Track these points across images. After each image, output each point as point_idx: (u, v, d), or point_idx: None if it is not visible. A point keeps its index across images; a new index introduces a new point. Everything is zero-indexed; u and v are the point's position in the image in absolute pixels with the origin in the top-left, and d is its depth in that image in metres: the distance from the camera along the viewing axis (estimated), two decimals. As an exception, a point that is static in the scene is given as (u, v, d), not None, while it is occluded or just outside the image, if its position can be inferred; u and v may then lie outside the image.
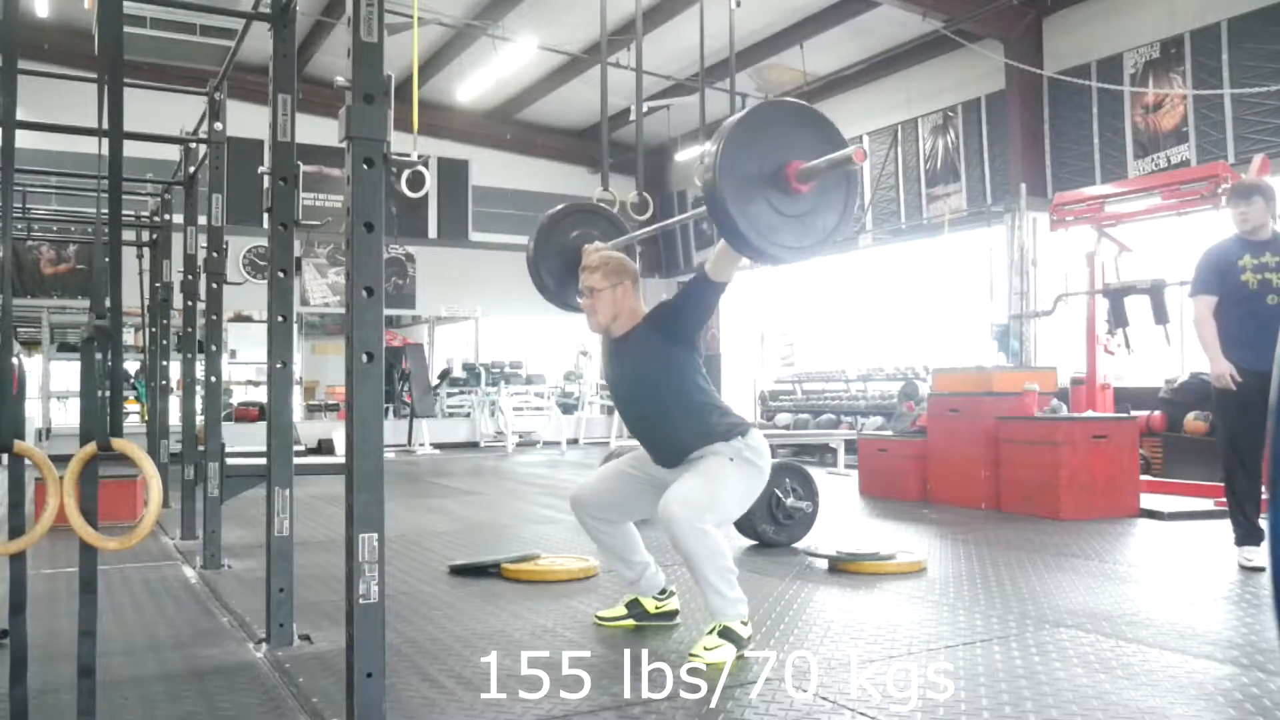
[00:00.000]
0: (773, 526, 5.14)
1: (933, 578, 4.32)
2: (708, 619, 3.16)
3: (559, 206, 3.95)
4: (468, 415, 15.79)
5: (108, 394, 2.22)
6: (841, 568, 4.48)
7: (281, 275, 3.44)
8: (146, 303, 8.43)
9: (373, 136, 2.32)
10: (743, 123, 2.73)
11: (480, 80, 14.20)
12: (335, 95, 2.35)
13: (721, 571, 3.05)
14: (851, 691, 2.71)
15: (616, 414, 14.20)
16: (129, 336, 12.95)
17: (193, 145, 5.79)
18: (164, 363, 8.20)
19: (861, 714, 2.53)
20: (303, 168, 3.47)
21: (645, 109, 5.77)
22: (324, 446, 13.41)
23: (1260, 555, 4.44)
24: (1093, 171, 10.84)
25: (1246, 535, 4.53)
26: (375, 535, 2.28)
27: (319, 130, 6.81)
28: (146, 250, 8.47)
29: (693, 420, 3.22)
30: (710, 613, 3.10)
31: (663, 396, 3.26)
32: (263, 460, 3.73)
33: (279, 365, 3.40)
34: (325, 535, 5.79)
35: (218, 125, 4.98)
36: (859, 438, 8.50)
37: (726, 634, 3.05)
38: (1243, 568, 4.46)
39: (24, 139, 2.61)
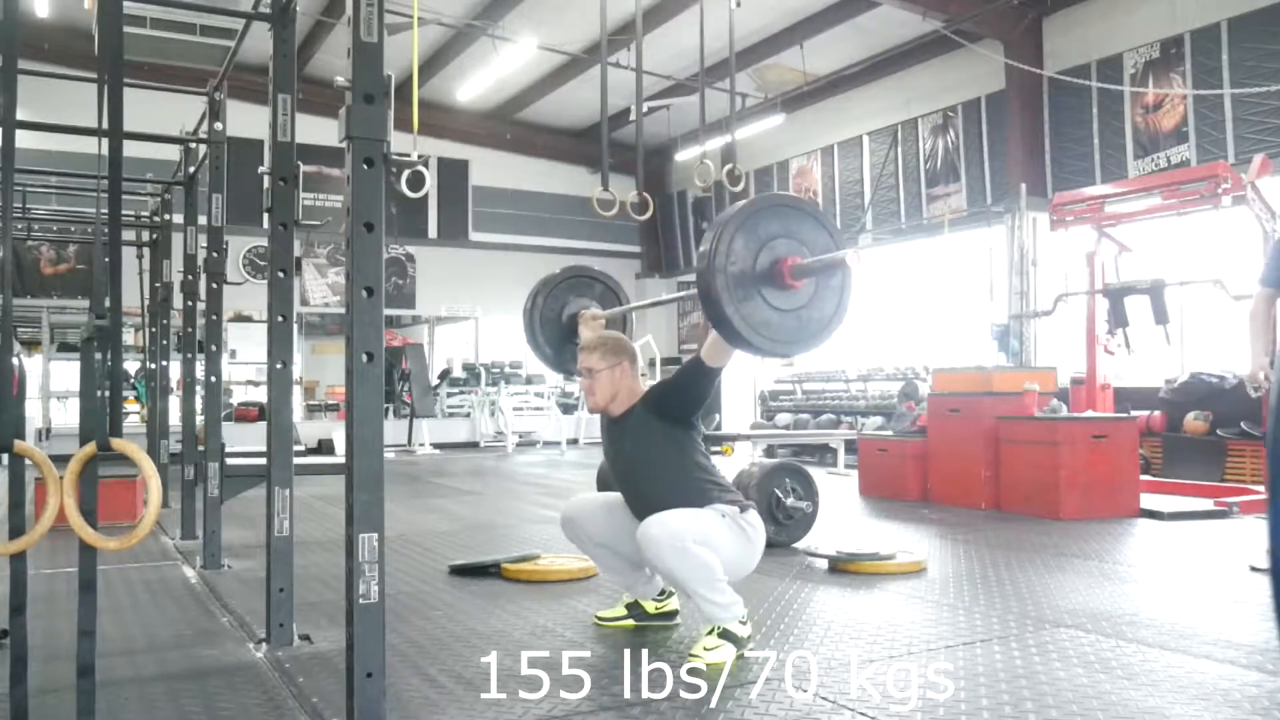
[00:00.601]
0: (773, 526, 5.13)
1: (933, 578, 4.32)
2: (704, 620, 3.16)
3: (554, 273, 4.00)
4: (468, 415, 15.79)
5: (108, 394, 2.22)
6: (841, 568, 4.48)
7: (281, 275, 3.44)
8: (146, 303, 8.43)
9: (373, 136, 2.32)
10: (738, 218, 2.73)
11: (480, 80, 14.20)
12: (335, 95, 2.35)
13: (709, 582, 3.03)
14: (851, 691, 2.71)
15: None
16: (129, 336, 12.95)
17: (193, 145, 5.79)
18: (164, 363, 8.20)
19: (861, 714, 2.53)
20: (303, 168, 3.47)
21: (645, 109, 5.77)
22: (324, 446, 13.42)
23: None
24: (1093, 171, 10.84)
25: None
26: (375, 535, 2.28)
27: (319, 130, 6.81)
28: (146, 250, 8.48)
29: (693, 499, 3.18)
30: (706, 619, 3.11)
31: (662, 480, 3.23)
32: (263, 460, 3.73)
33: (279, 365, 3.40)
34: (325, 535, 5.79)
35: (218, 125, 4.98)
36: (859, 438, 8.51)
37: (726, 634, 3.05)
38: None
39: (24, 139, 2.61)
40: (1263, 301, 4.38)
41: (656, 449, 3.25)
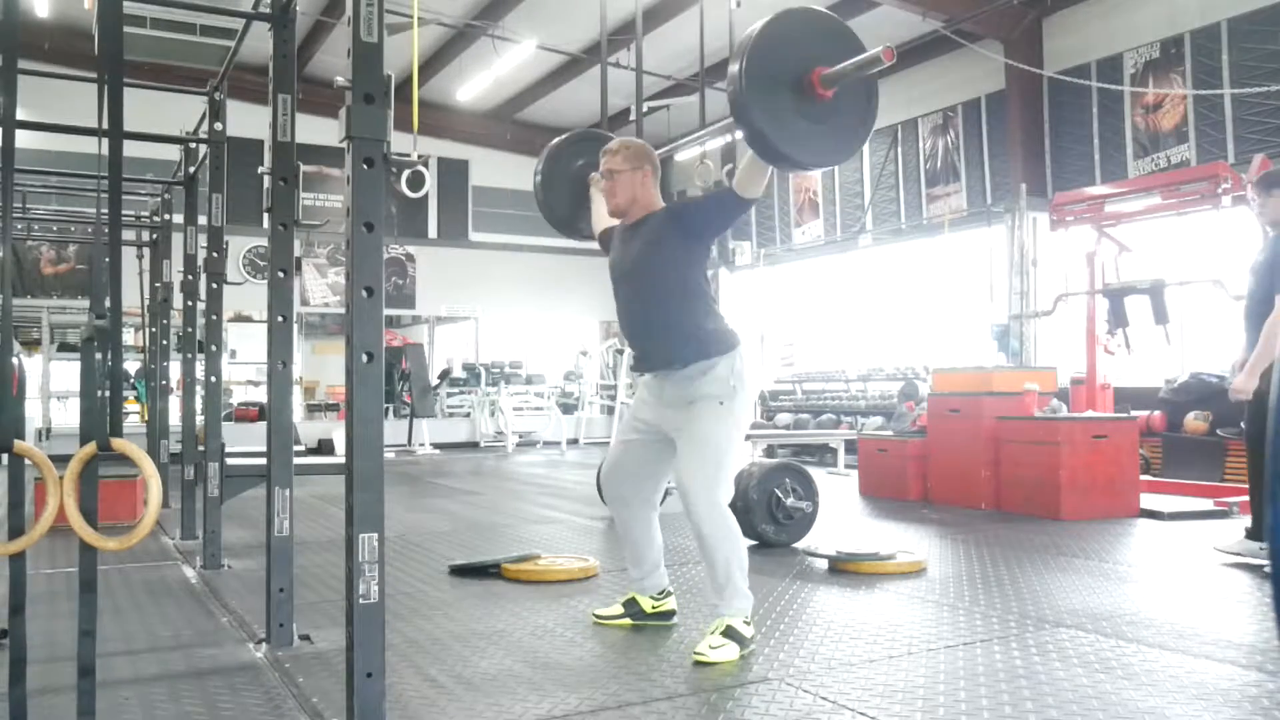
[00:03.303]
0: (773, 526, 5.14)
1: (933, 578, 4.32)
2: (709, 618, 3.16)
3: (564, 135, 3.94)
4: (468, 415, 15.78)
5: (108, 394, 2.22)
6: (841, 568, 4.48)
7: (281, 275, 3.44)
8: (146, 303, 8.43)
9: (373, 136, 2.32)
10: (766, 29, 2.72)
11: (480, 80, 14.20)
12: (335, 95, 2.34)
13: (736, 557, 3.09)
14: (851, 691, 2.71)
15: (616, 413, 14.21)
16: (129, 336, 12.96)
17: (193, 145, 5.79)
18: (164, 363, 8.20)
19: (861, 714, 2.53)
20: (303, 168, 3.47)
21: (645, 109, 5.77)
22: (324, 446, 13.41)
23: None
24: (1093, 171, 10.84)
25: None
26: (375, 535, 2.28)
27: (319, 130, 6.82)
28: (146, 250, 8.47)
29: (689, 318, 3.21)
30: (717, 600, 3.11)
31: (665, 287, 3.24)
32: (263, 460, 3.73)
33: (279, 365, 3.40)
34: (325, 535, 5.79)
35: (218, 125, 4.98)
36: (859, 438, 8.50)
37: (730, 633, 3.05)
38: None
39: (24, 139, 2.61)
40: None
41: (666, 255, 3.24)
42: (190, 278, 5.83)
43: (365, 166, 2.32)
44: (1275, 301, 4.37)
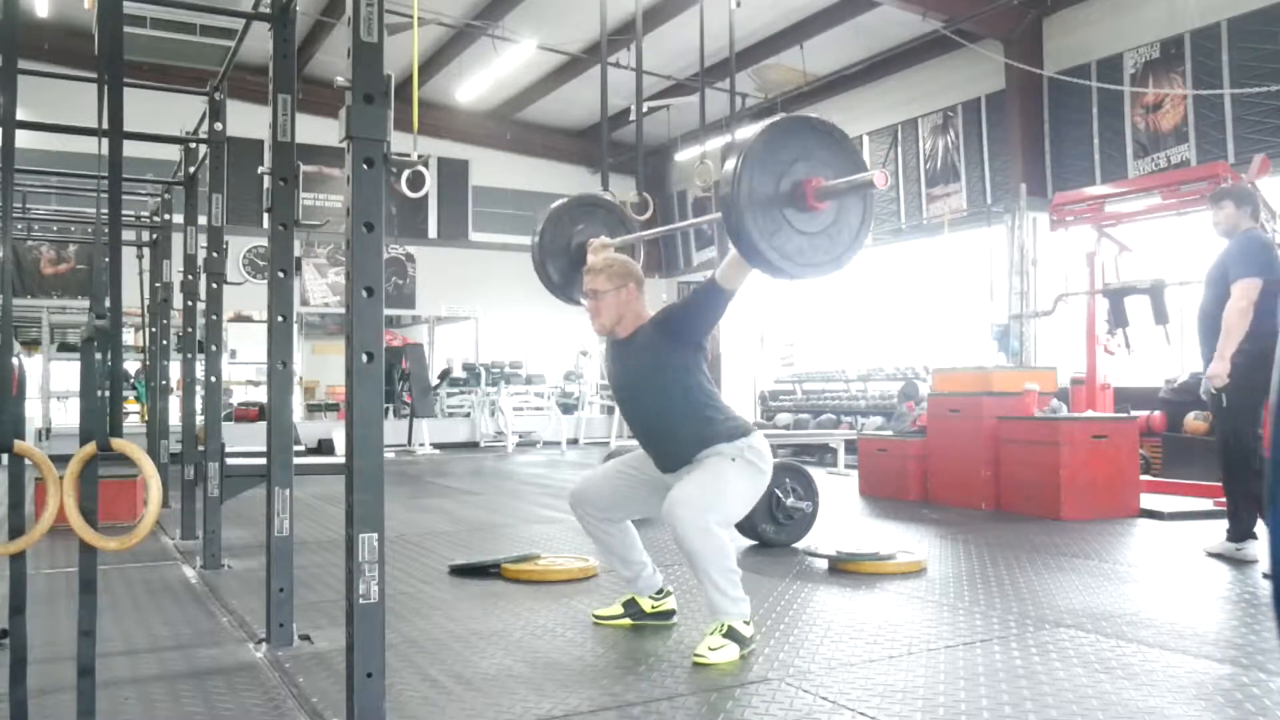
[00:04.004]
0: (773, 526, 5.14)
1: (933, 578, 4.32)
2: (709, 619, 3.16)
3: (562, 200, 3.94)
4: (468, 415, 15.78)
5: (108, 394, 2.22)
6: (841, 568, 4.48)
7: (281, 275, 3.44)
8: (146, 303, 8.43)
9: (373, 136, 2.32)
10: (763, 138, 2.73)
11: (480, 80, 14.20)
12: (335, 95, 2.34)
13: (725, 571, 3.06)
14: (851, 691, 2.71)
15: (617, 414, 14.21)
16: (129, 336, 12.95)
17: (193, 145, 5.79)
18: (164, 363, 8.20)
19: (861, 714, 2.53)
20: (303, 168, 3.47)
21: (645, 109, 5.77)
22: (324, 446, 13.40)
23: None
24: (1093, 171, 10.84)
25: None
26: (375, 535, 2.28)
27: (319, 130, 6.82)
28: (146, 250, 8.47)
29: (695, 422, 3.22)
30: (712, 612, 3.10)
31: (666, 398, 3.25)
32: (263, 460, 3.73)
33: (279, 365, 3.40)
34: (325, 535, 5.79)
35: (218, 125, 4.97)
36: (859, 438, 8.50)
37: (731, 634, 3.05)
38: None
39: (24, 139, 2.61)
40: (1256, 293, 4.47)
41: (663, 369, 3.25)
42: (190, 278, 5.83)
43: (365, 166, 2.32)
44: (1232, 291, 4.52)
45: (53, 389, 14.03)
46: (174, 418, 7.92)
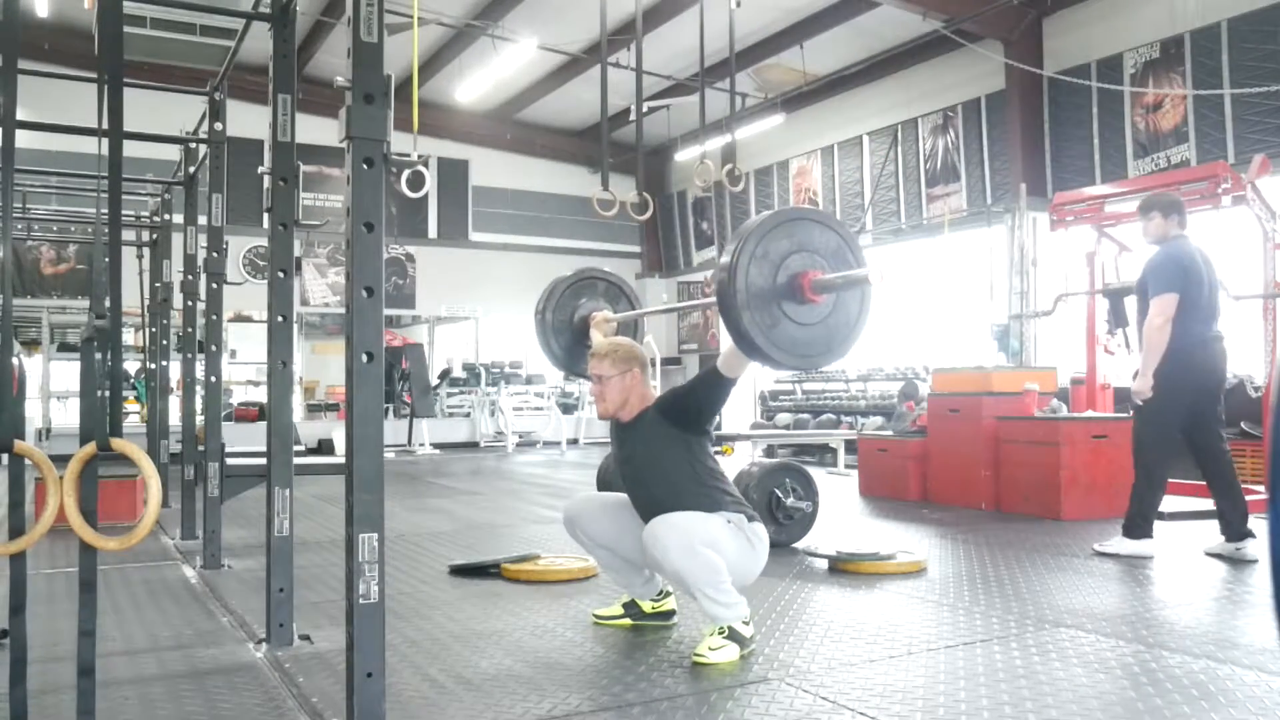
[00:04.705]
0: (773, 526, 5.13)
1: (933, 578, 4.32)
2: (709, 619, 3.16)
3: (563, 275, 3.99)
4: (468, 415, 15.78)
5: (108, 394, 2.22)
6: (841, 568, 4.48)
7: (281, 275, 3.44)
8: (146, 303, 8.43)
9: (373, 136, 2.32)
10: (759, 230, 2.73)
11: (480, 80, 14.20)
12: (335, 95, 2.35)
13: (714, 583, 3.03)
14: (851, 691, 2.71)
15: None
16: (129, 336, 12.95)
17: (193, 145, 5.79)
18: (164, 363, 8.20)
19: (861, 714, 2.53)
20: (303, 168, 3.47)
21: (645, 109, 5.78)
22: (324, 446, 13.41)
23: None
24: (1093, 171, 10.84)
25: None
26: (375, 535, 2.28)
27: (319, 130, 6.81)
28: (146, 250, 8.47)
29: (702, 505, 3.17)
30: (711, 620, 3.10)
31: (671, 482, 3.22)
32: (263, 460, 3.73)
33: (279, 365, 3.41)
34: (325, 535, 5.79)
35: (218, 125, 4.98)
36: (859, 438, 8.50)
37: (731, 634, 3.04)
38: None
39: (24, 139, 2.61)
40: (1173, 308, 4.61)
41: (667, 453, 3.24)
42: (190, 278, 5.83)
43: (365, 166, 2.32)
44: (1153, 305, 4.64)
45: (53, 389, 14.04)
46: (174, 418, 7.92)
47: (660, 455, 3.25)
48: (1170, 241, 4.78)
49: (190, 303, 5.96)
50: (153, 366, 8.36)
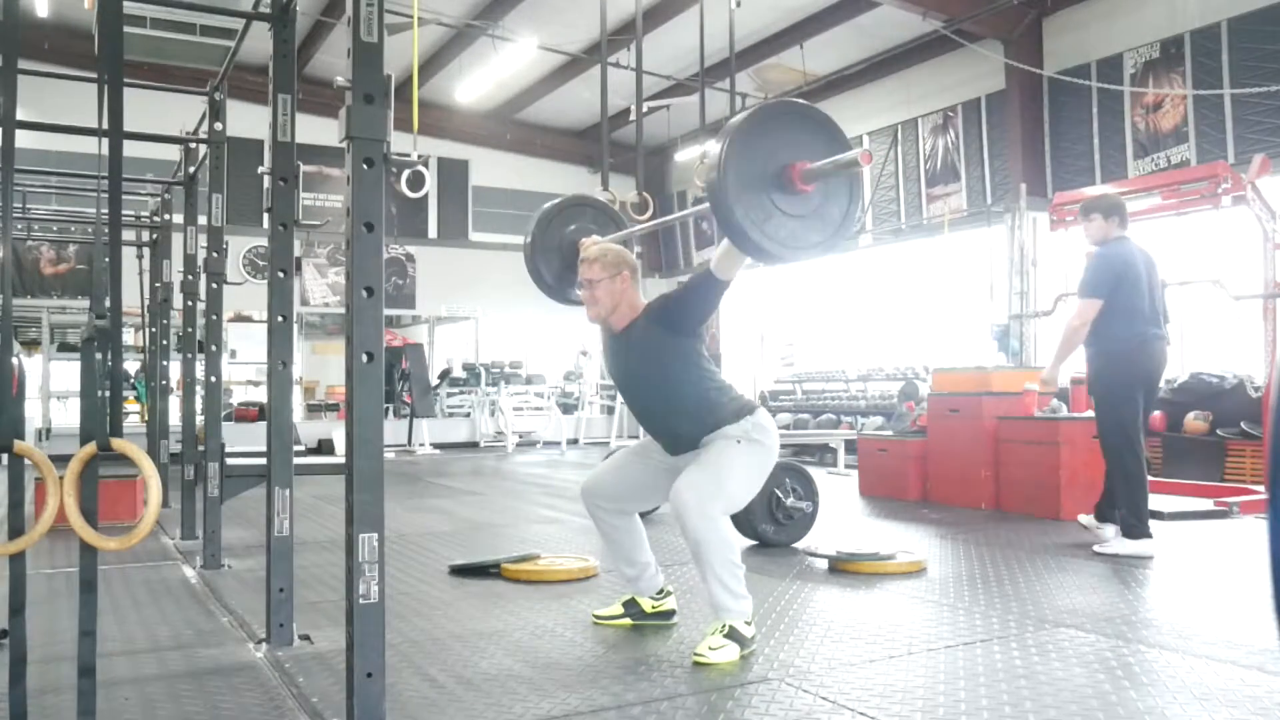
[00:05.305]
0: (773, 526, 5.14)
1: (933, 578, 4.32)
2: (709, 618, 3.16)
3: (554, 201, 3.96)
4: (468, 415, 15.78)
5: (108, 394, 2.22)
6: (841, 568, 4.48)
7: (281, 275, 3.44)
8: (146, 303, 8.43)
9: (373, 136, 2.32)
10: (746, 124, 2.73)
11: (480, 80, 14.20)
12: (335, 95, 2.35)
13: (729, 565, 3.07)
14: (851, 691, 2.71)
15: (616, 414, 14.24)
16: (129, 336, 12.95)
17: (193, 145, 5.79)
18: (164, 363, 8.20)
19: (861, 714, 2.53)
20: (303, 168, 3.47)
21: (645, 109, 5.78)
22: (324, 446, 13.41)
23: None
24: (1093, 171, 10.84)
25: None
26: (375, 535, 2.28)
27: (319, 130, 6.82)
28: (146, 250, 8.47)
29: (699, 407, 3.23)
30: (715, 609, 3.10)
31: (668, 387, 3.25)
32: (263, 460, 3.73)
33: (279, 365, 3.41)
34: (325, 535, 5.79)
35: (218, 125, 4.98)
36: (859, 438, 8.50)
37: (732, 634, 3.05)
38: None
39: (24, 139, 2.61)
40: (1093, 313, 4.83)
41: (662, 358, 3.25)
42: (190, 278, 5.83)
43: (365, 166, 2.32)
44: (1077, 307, 4.88)
45: (53, 389, 14.04)
46: (174, 418, 7.92)
47: (654, 360, 3.26)
48: (1110, 243, 4.91)
49: (190, 303, 5.96)
50: (153, 366, 8.36)
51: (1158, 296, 4.94)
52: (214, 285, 4.84)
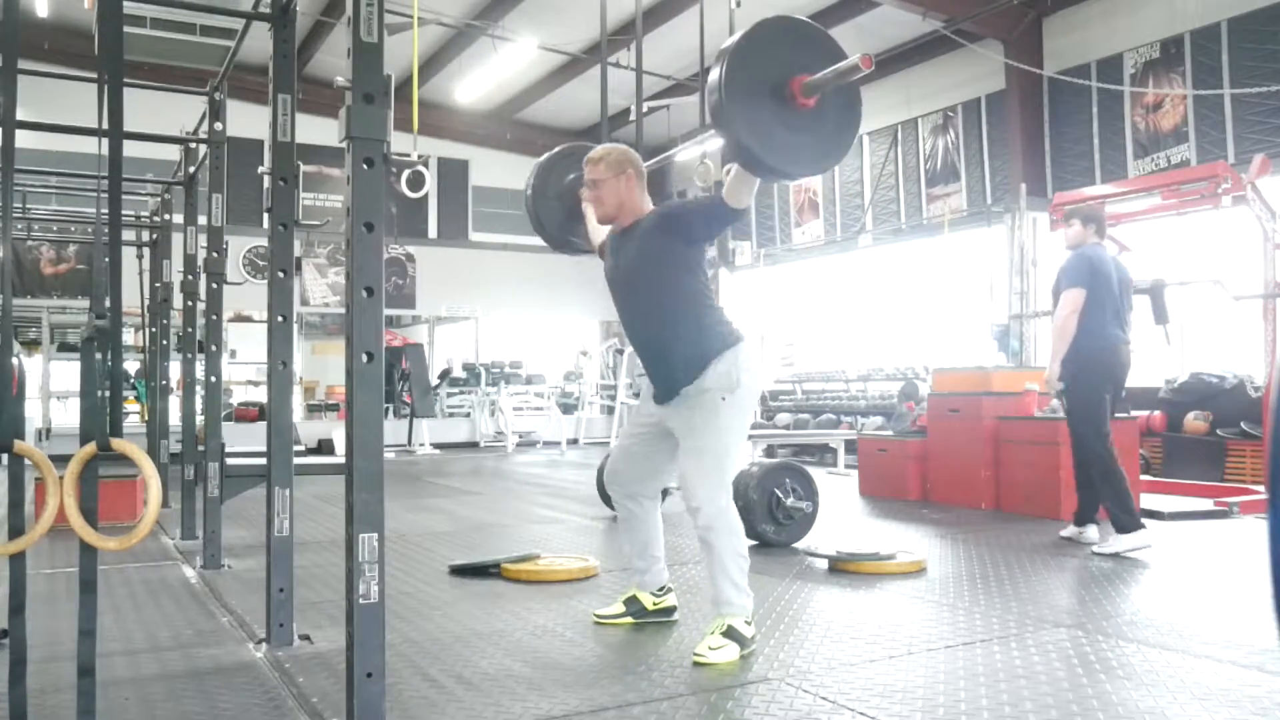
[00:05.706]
0: (773, 526, 5.14)
1: (933, 578, 4.32)
2: (710, 617, 3.16)
3: (555, 149, 3.94)
4: (468, 415, 15.78)
5: (108, 394, 2.22)
6: (841, 568, 4.48)
7: (281, 275, 3.44)
8: (146, 303, 8.43)
9: (373, 136, 2.32)
10: (743, 42, 2.72)
11: (480, 80, 14.20)
12: (335, 95, 2.35)
13: (736, 558, 3.10)
14: (851, 691, 2.71)
15: (616, 414, 14.22)
16: (129, 336, 12.95)
17: (193, 145, 5.79)
18: (164, 363, 8.20)
19: (861, 714, 2.53)
20: (303, 168, 3.47)
21: (645, 109, 5.78)
22: (324, 446, 13.41)
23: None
24: (1093, 171, 10.84)
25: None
26: (375, 535, 2.28)
27: (319, 130, 6.82)
28: (146, 250, 8.47)
29: (689, 319, 3.21)
30: (716, 603, 3.11)
31: (662, 289, 3.23)
32: (263, 460, 3.73)
33: (279, 365, 3.41)
34: (325, 535, 5.79)
35: (218, 125, 4.98)
36: (859, 438, 8.50)
37: (731, 633, 3.05)
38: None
39: (24, 139, 2.61)
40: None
41: (661, 260, 3.23)
42: (190, 278, 5.83)
43: (365, 166, 2.32)
44: (1061, 299, 5.04)
45: (53, 389, 14.03)
46: (174, 418, 7.91)
47: (654, 259, 3.24)
48: (1085, 247, 5.15)
49: (190, 303, 5.96)
50: (153, 366, 8.35)
51: (1126, 304, 5.16)
52: (214, 285, 4.84)
